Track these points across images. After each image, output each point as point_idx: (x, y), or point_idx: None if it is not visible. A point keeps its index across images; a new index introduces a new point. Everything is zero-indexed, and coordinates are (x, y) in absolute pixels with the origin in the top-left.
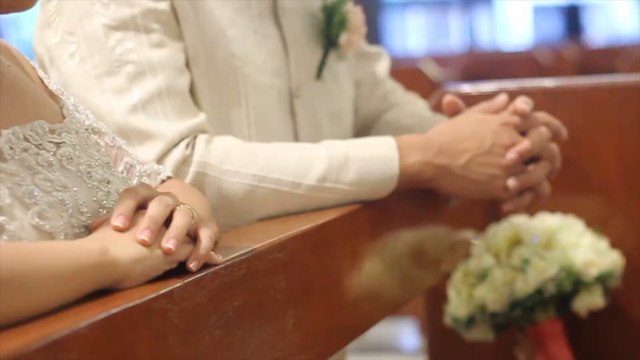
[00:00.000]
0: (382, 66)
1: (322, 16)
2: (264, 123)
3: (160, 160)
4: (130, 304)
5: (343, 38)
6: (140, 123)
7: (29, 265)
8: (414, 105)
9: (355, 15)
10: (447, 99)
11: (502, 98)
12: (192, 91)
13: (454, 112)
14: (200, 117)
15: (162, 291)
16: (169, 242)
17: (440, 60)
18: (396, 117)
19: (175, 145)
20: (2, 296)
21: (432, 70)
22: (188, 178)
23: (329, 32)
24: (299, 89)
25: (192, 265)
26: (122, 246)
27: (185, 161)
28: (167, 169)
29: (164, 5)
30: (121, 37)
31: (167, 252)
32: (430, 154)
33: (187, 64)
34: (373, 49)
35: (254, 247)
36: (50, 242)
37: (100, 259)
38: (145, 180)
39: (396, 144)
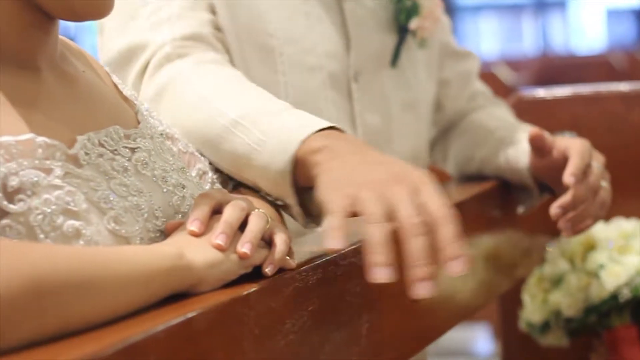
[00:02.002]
0: (472, 67)
1: (389, 3)
2: (305, 102)
3: (145, 68)
4: (206, 309)
5: (413, 23)
6: (142, 39)
7: (106, 270)
8: (499, 109)
9: (428, 0)
10: (533, 132)
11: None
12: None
13: (539, 145)
14: (198, 27)
15: (238, 296)
16: (244, 246)
17: (514, 64)
18: (480, 118)
19: (163, 47)
20: (79, 300)
21: (505, 75)
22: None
23: (397, 18)
24: (359, 74)
25: (268, 270)
26: (197, 250)
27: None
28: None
29: None
30: None
31: (242, 257)
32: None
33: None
34: (463, 49)
35: (329, 251)
36: (126, 246)
37: (176, 263)
38: (217, 187)
39: (326, 125)
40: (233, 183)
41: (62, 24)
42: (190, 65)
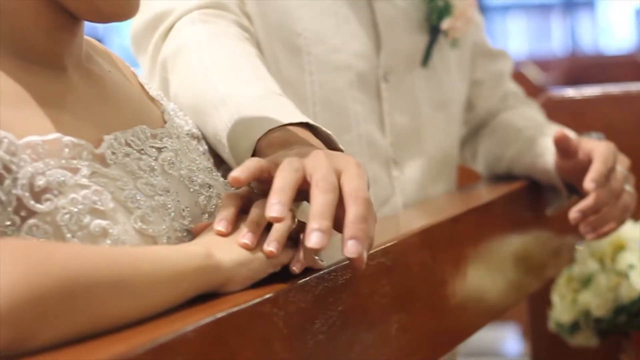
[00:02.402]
0: (505, 67)
1: (420, 2)
2: (332, 101)
3: (169, 30)
4: (236, 309)
5: (445, 24)
6: (169, 6)
7: (135, 270)
8: (530, 108)
9: (461, 0)
10: (557, 133)
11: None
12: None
13: (563, 147)
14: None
15: (267, 296)
16: (270, 244)
17: (542, 64)
18: (510, 117)
19: (189, 13)
20: (109, 300)
21: (534, 74)
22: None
23: (429, 18)
24: (389, 73)
25: (295, 268)
26: (225, 250)
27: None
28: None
29: None
30: None
31: (269, 255)
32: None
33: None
34: (496, 49)
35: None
36: (154, 246)
37: (205, 263)
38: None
39: (303, 121)
40: None
41: (90, 24)
42: (209, 31)
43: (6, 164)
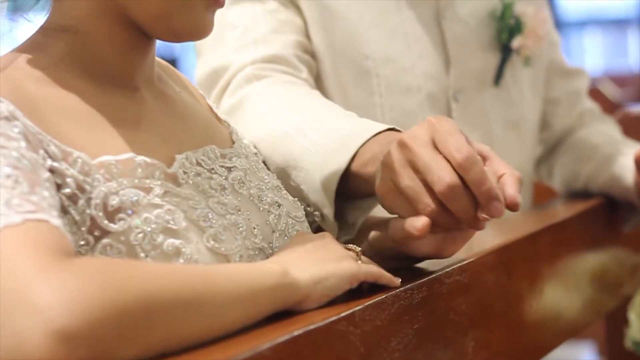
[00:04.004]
0: (581, 85)
1: (490, 21)
2: (403, 123)
3: (226, 87)
4: (312, 327)
5: (516, 42)
6: (226, 61)
7: (211, 287)
8: (606, 125)
9: (532, 18)
10: (638, 152)
11: None
12: (320, 88)
13: None
14: (277, 49)
15: (344, 313)
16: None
17: (619, 80)
18: (587, 135)
19: (244, 68)
20: (187, 318)
21: (610, 91)
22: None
23: (499, 37)
24: (459, 93)
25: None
26: (302, 267)
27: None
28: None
29: (293, 4)
30: (237, 9)
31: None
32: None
33: (313, 56)
34: (573, 67)
35: (434, 270)
36: (230, 264)
37: (281, 280)
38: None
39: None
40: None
41: (167, 44)
42: (266, 84)
43: (80, 184)
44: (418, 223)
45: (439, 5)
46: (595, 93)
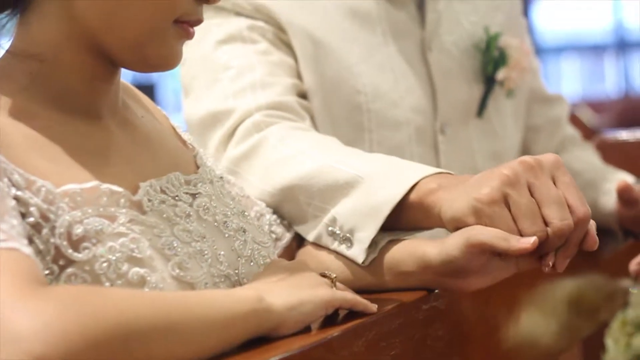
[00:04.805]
0: (561, 112)
1: (475, 53)
2: None
3: (231, 133)
4: (289, 354)
5: (501, 74)
6: (226, 105)
7: (188, 314)
8: (586, 152)
9: (516, 50)
10: (621, 184)
11: None
12: (312, 124)
13: (626, 196)
14: (283, 96)
15: (320, 340)
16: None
17: (596, 105)
18: (566, 160)
19: (250, 115)
20: (163, 345)
21: (587, 116)
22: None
23: (484, 68)
24: (446, 125)
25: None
26: (276, 294)
27: (253, 127)
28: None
29: (283, 42)
30: (228, 49)
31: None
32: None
33: (305, 96)
34: (553, 94)
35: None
36: (206, 290)
37: (256, 306)
38: (275, 228)
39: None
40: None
41: None
42: (282, 128)
43: (44, 213)
44: (529, 240)
45: (425, 36)
46: (572, 119)
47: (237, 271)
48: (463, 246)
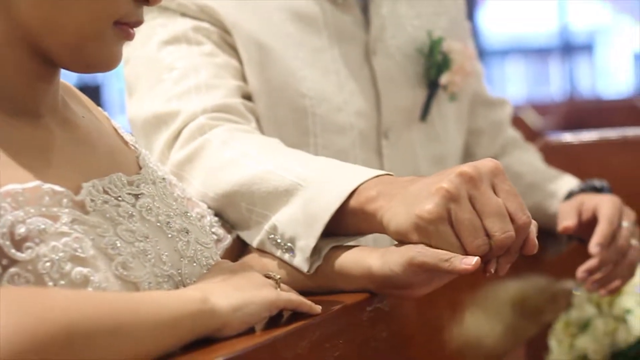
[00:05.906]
0: (504, 114)
1: (419, 57)
2: None
3: (176, 136)
4: (233, 354)
5: (444, 79)
6: (171, 107)
7: (134, 315)
8: (528, 154)
9: (460, 54)
10: (562, 228)
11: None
12: (258, 126)
13: (571, 232)
14: (230, 98)
15: (265, 341)
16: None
17: (540, 108)
18: (508, 163)
19: (195, 118)
20: (108, 345)
21: (532, 119)
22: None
23: (428, 73)
24: (389, 130)
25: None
26: (221, 295)
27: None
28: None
29: (228, 44)
30: (171, 50)
31: None
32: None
33: (251, 98)
34: (496, 97)
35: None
36: (151, 291)
37: (201, 307)
38: (216, 230)
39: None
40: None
41: None
42: (225, 130)
43: None
44: (470, 260)
45: (369, 40)
46: (517, 121)
47: (180, 271)
48: (406, 264)
